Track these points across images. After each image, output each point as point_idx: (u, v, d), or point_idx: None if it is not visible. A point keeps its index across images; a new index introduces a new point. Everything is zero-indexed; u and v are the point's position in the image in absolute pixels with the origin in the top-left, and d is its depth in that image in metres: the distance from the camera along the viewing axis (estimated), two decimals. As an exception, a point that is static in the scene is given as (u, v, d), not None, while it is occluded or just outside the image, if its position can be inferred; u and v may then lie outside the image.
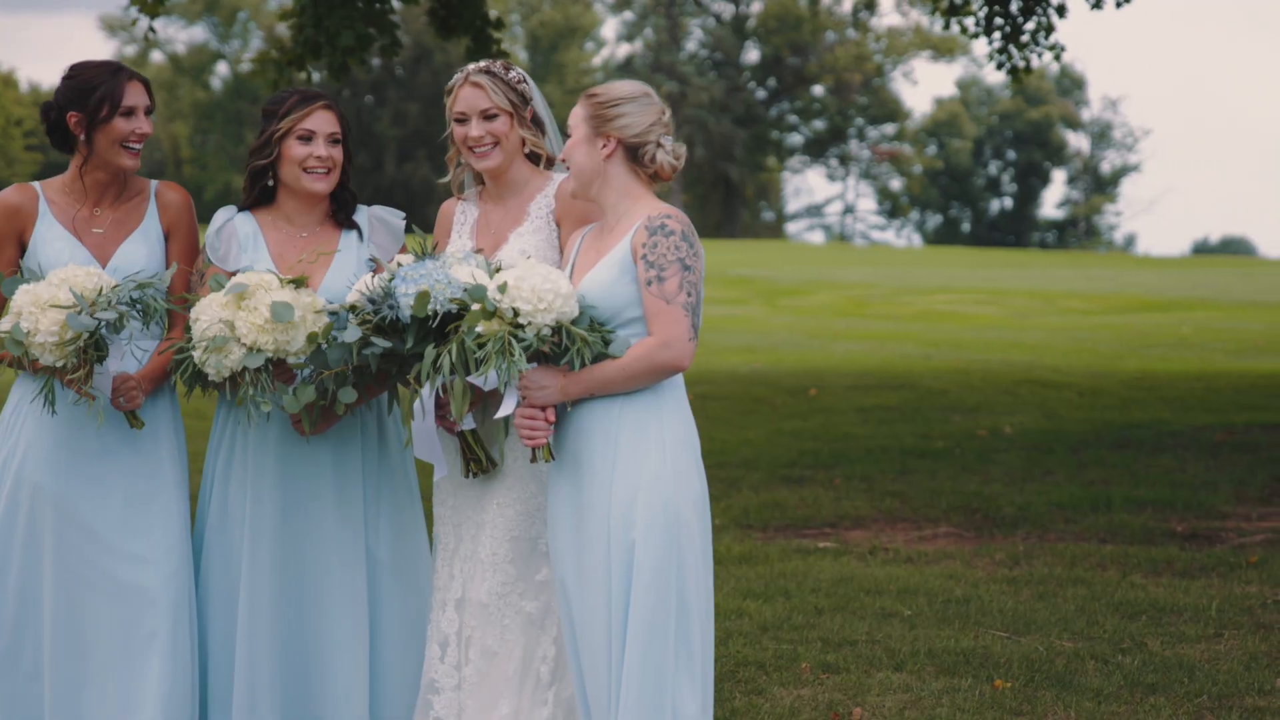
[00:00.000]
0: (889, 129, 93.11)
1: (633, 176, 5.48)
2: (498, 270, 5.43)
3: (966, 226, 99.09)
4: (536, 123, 5.93)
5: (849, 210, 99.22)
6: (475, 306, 5.23)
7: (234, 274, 5.89)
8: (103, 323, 5.60)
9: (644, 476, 5.23)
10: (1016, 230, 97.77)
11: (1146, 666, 7.76)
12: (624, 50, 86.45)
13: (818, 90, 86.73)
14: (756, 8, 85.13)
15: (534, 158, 5.95)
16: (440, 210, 6.13)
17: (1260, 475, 12.90)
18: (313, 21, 15.86)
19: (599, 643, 5.28)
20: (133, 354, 5.86)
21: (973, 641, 8.27)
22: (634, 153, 5.45)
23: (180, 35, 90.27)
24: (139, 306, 5.71)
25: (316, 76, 17.25)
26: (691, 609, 5.24)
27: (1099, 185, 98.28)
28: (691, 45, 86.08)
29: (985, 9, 18.10)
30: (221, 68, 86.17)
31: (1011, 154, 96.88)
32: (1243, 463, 13.47)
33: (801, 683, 7.65)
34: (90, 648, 5.91)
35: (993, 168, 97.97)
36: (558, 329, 5.26)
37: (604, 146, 5.44)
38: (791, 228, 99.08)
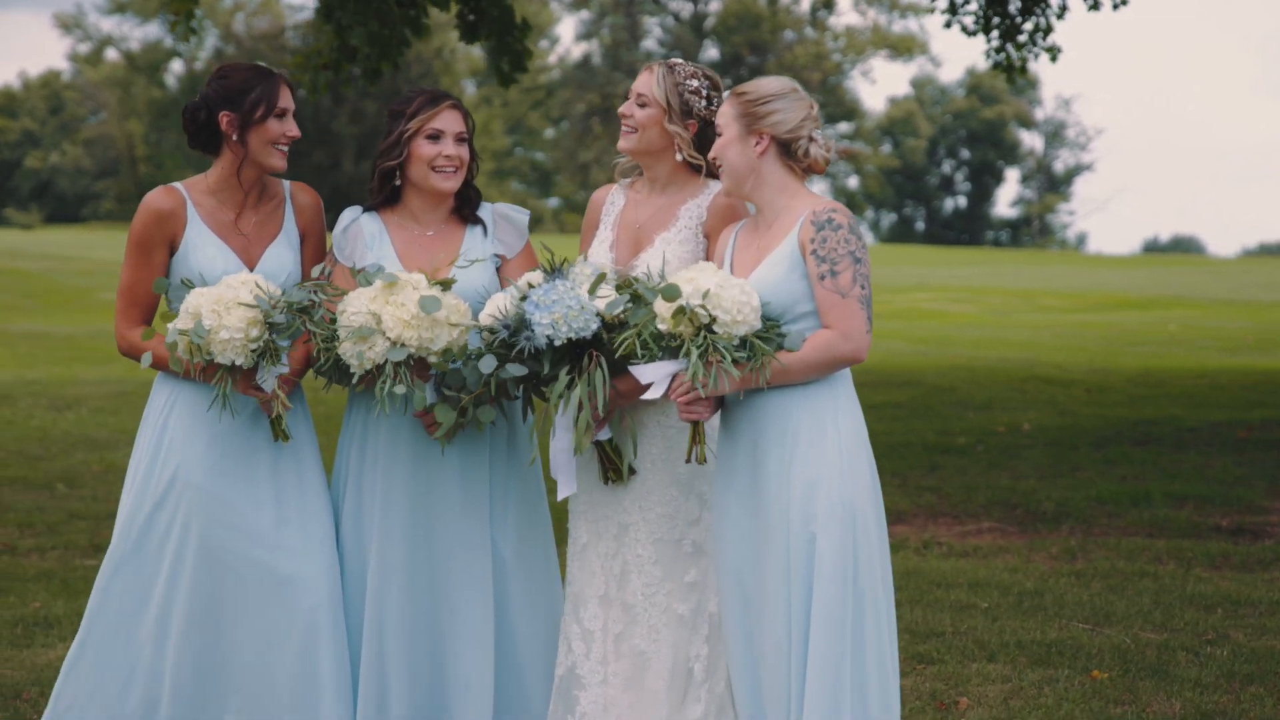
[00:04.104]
0: (844, 127, 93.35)
1: (787, 172, 5.51)
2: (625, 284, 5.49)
3: (920, 225, 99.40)
4: (706, 141, 5.84)
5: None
6: (659, 304, 5.27)
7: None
8: (285, 325, 5.69)
9: (822, 469, 5.28)
10: (970, 229, 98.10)
11: (1238, 657, 7.87)
12: (581, 48, 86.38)
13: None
14: (715, 6, 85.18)
15: (695, 167, 5.95)
16: (591, 198, 6.17)
17: (1291, 471, 13.07)
18: (328, 19, 15.83)
19: (779, 636, 5.32)
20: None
21: (1058, 633, 8.36)
22: (787, 148, 5.49)
23: (135, 33, 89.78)
24: (310, 311, 5.78)
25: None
26: (870, 600, 5.28)
27: (1052, 184, 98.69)
28: (650, 44, 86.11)
29: (983, 8, 18.19)
30: (176, 65, 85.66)
31: (965, 153, 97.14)
32: (1271, 459, 13.62)
33: (900, 673, 7.70)
34: (248, 643, 5.95)
35: (947, 166, 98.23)
36: (744, 341, 5.30)
37: (757, 144, 5.48)
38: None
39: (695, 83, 5.85)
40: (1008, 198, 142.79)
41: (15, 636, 8.52)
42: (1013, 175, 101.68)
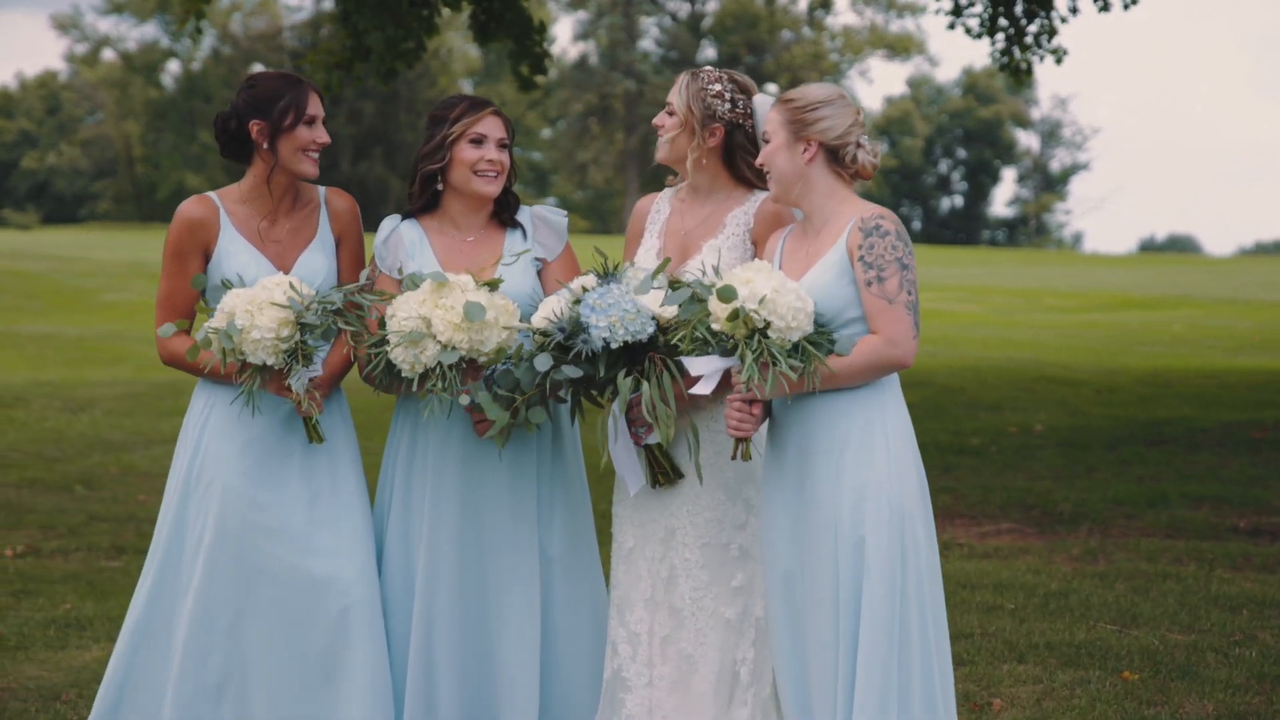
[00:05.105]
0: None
1: (835, 178, 5.54)
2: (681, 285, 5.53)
3: (917, 224, 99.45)
4: (734, 144, 5.87)
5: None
6: (715, 302, 5.31)
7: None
8: (317, 325, 5.74)
9: (871, 473, 5.30)
10: (967, 228, 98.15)
11: (1267, 659, 7.92)
12: (578, 48, 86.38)
13: (774, 89, 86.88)
14: (713, 6, 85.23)
15: (740, 176, 5.98)
16: (635, 207, 6.20)
17: (1306, 472, 13.13)
18: (345, 23, 15.87)
19: (826, 640, 5.35)
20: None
21: (1086, 634, 8.41)
22: (834, 154, 5.52)
23: (132, 34, 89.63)
24: (347, 314, 5.84)
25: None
26: (916, 603, 5.31)
27: (1049, 183, 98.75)
28: (647, 44, 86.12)
29: (989, 10, 18.24)
30: (173, 66, 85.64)
31: (962, 152, 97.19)
32: (1285, 459, 13.70)
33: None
34: (271, 643, 5.99)
35: (943, 166, 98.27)
36: (796, 345, 5.33)
37: (805, 151, 5.50)
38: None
39: (718, 86, 5.86)
40: (1004, 197, 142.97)
41: (50, 639, 8.56)
42: (1009, 174, 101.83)
